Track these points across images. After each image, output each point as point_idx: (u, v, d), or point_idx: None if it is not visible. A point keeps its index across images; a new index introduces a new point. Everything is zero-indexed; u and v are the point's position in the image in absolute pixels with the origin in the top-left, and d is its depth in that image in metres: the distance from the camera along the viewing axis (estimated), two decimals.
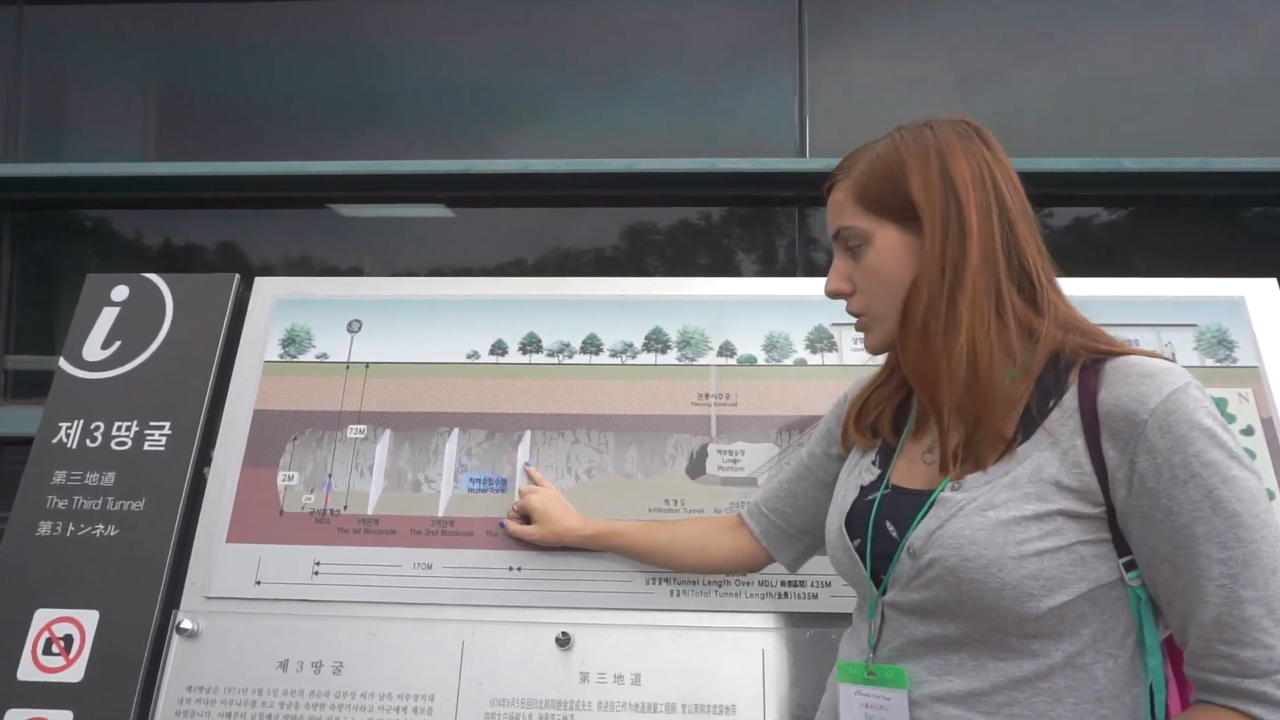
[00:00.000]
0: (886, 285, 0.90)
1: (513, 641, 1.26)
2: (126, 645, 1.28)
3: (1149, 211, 2.70)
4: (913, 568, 0.85)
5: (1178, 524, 0.75)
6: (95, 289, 1.54)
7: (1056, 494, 0.80)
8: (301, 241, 3.06)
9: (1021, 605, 0.78)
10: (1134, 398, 0.77)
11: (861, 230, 0.91)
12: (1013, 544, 0.78)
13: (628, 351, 1.44)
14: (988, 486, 0.83)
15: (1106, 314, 1.42)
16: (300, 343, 1.48)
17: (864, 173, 0.91)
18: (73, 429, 1.43)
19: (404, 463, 1.38)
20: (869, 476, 0.98)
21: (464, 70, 2.94)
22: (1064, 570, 0.78)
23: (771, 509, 1.18)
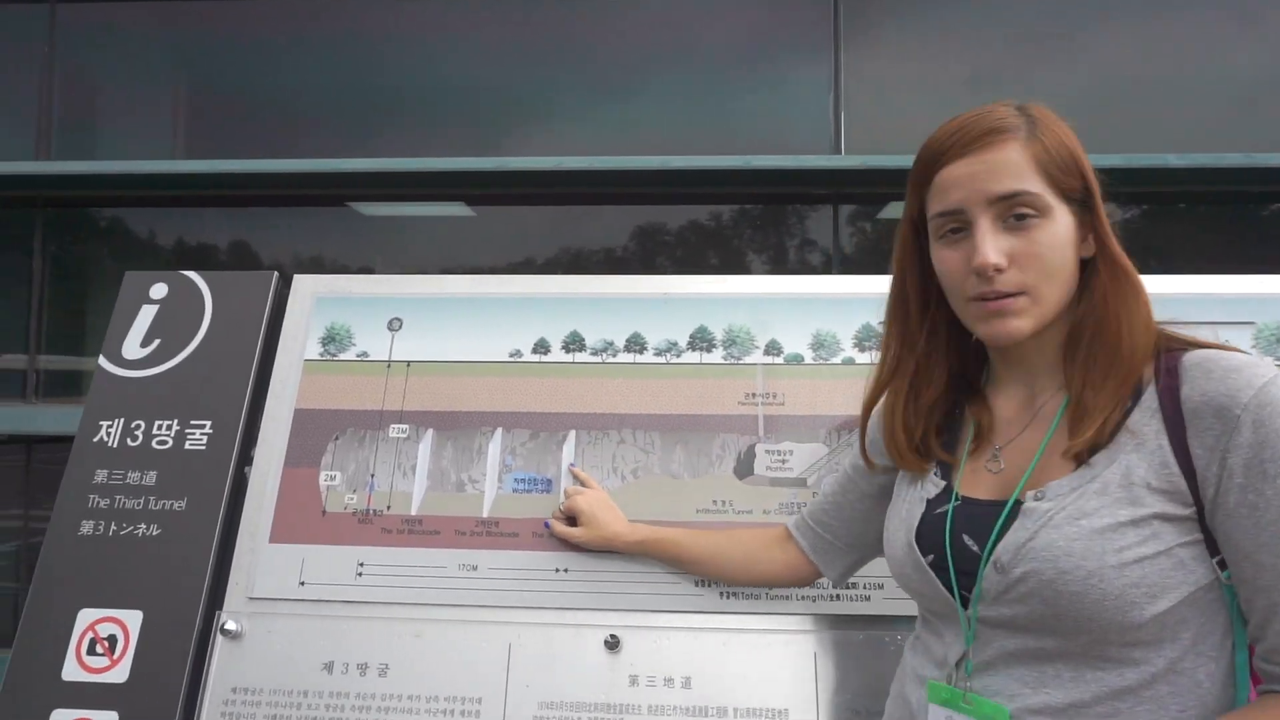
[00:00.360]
0: (1058, 269, 0.84)
1: (560, 644, 1.24)
2: (170, 646, 1.27)
3: (1196, 208, 2.67)
4: (1001, 582, 0.82)
5: (1263, 520, 0.73)
6: (134, 286, 1.53)
7: (1149, 497, 0.77)
8: (326, 240, 3.06)
9: (1125, 615, 0.75)
10: (1223, 392, 0.75)
11: (1044, 202, 0.82)
12: (1112, 552, 0.76)
13: (672, 350, 1.42)
14: (1076, 494, 0.80)
15: (1162, 311, 1.41)
16: (340, 341, 1.46)
17: (1044, 137, 0.84)
18: (114, 428, 1.43)
19: (447, 463, 1.37)
20: (933, 489, 0.94)
21: (496, 69, 2.94)
22: (1165, 575, 0.76)
23: (819, 522, 1.15)
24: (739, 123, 2.77)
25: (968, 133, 0.85)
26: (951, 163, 0.86)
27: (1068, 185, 0.84)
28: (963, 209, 0.85)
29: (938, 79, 2.69)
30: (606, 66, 2.90)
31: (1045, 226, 0.83)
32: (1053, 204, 0.83)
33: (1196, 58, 2.72)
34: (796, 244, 2.74)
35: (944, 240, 0.88)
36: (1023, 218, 0.83)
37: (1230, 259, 2.65)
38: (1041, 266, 0.83)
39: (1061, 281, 0.84)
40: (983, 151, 0.83)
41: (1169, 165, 2.42)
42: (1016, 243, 0.83)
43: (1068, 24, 2.71)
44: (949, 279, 0.89)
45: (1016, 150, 0.83)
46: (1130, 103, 2.65)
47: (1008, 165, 0.83)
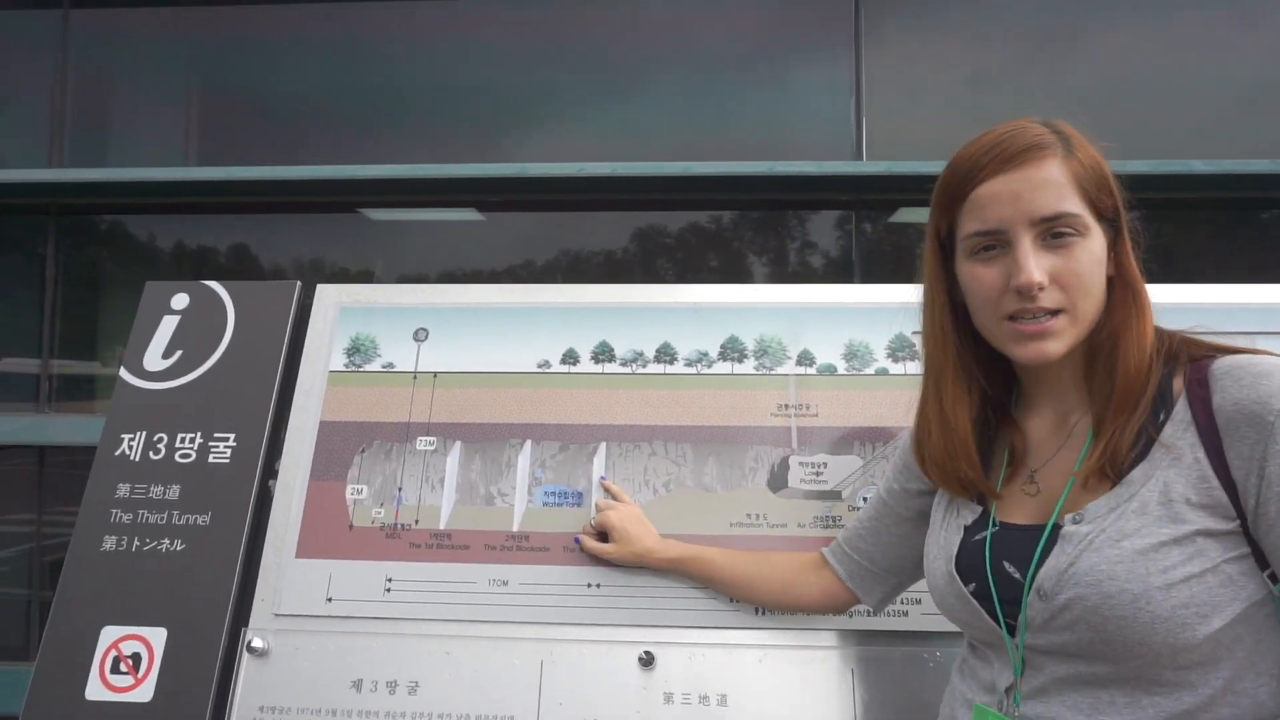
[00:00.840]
0: (1092, 285, 0.83)
1: (593, 661, 1.22)
2: (196, 664, 1.25)
3: (1225, 214, 2.65)
4: (1045, 610, 0.80)
5: None
6: (155, 297, 1.51)
7: (1190, 513, 0.75)
8: (338, 246, 3.04)
9: (1177, 637, 0.73)
10: (1255, 399, 0.74)
11: (1084, 222, 0.82)
12: (1157, 573, 0.74)
13: (703, 360, 1.40)
14: (1114, 514, 0.78)
15: (1199, 321, 1.38)
16: (365, 352, 1.44)
17: (1086, 161, 0.84)
18: (135, 440, 1.41)
19: (475, 475, 1.35)
20: (970, 515, 0.92)
21: (509, 73, 2.92)
22: (1214, 594, 0.74)
23: (855, 548, 1.13)
24: (759, 128, 2.75)
25: (1006, 149, 0.84)
26: (989, 179, 0.84)
27: (1102, 204, 0.84)
28: (1004, 228, 0.83)
29: (959, 83, 2.67)
30: (624, 70, 2.89)
31: (1084, 245, 0.82)
32: (1091, 223, 0.83)
33: (1228, 60, 2.70)
34: (818, 251, 2.72)
35: (977, 258, 0.87)
36: (1061, 235, 0.82)
37: (1263, 267, 2.63)
38: (1081, 285, 0.82)
39: (1096, 300, 0.84)
40: (1023, 168, 0.82)
41: (1194, 172, 2.40)
42: (1057, 261, 0.82)
43: (1095, 25, 2.70)
44: (981, 297, 0.87)
45: (1056, 168, 0.82)
46: (1160, 106, 2.63)
47: (1049, 184, 0.82)
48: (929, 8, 2.71)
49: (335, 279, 1.45)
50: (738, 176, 2.51)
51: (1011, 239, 0.83)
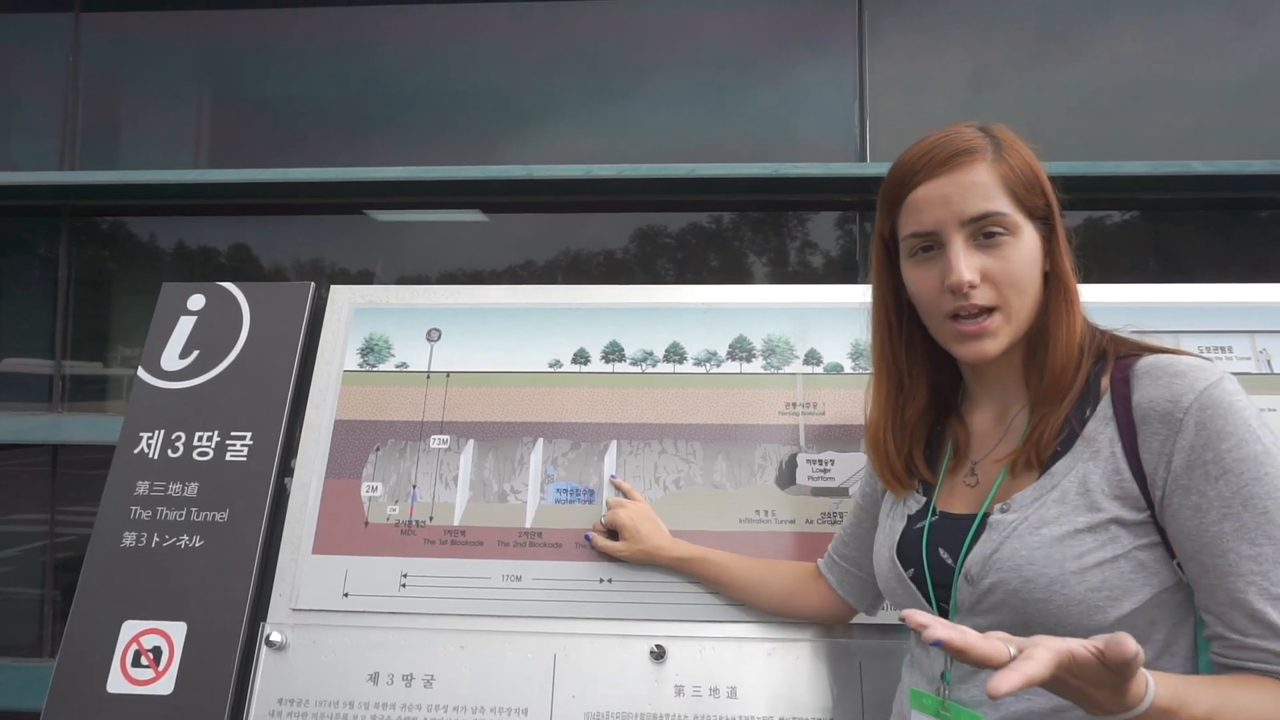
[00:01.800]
0: (1028, 285, 0.87)
1: (606, 654, 1.25)
2: (215, 657, 1.28)
3: (1225, 215, 2.67)
4: (972, 594, 0.85)
5: (1206, 520, 0.75)
6: (171, 298, 1.54)
7: (1105, 502, 0.80)
8: (344, 247, 3.06)
9: (1090, 619, 0.78)
10: (1168, 397, 0.78)
11: (1012, 221, 0.86)
12: (1071, 558, 0.78)
13: (712, 360, 1.42)
14: (1037, 504, 0.83)
15: (1198, 320, 1.41)
16: (379, 352, 1.47)
17: (1015, 163, 0.87)
18: (154, 439, 1.43)
19: (489, 473, 1.37)
20: (915, 504, 0.97)
21: (512, 75, 2.94)
22: (1126, 579, 0.78)
23: (841, 556, 1.17)
24: (762, 129, 2.77)
25: (937, 154, 0.88)
26: (923, 184, 0.88)
27: (1032, 203, 0.87)
28: (937, 230, 0.87)
29: (962, 84, 2.69)
30: (627, 72, 2.90)
31: (1015, 244, 0.86)
32: (1021, 222, 0.86)
33: (1228, 61, 2.72)
34: (822, 251, 2.74)
35: (915, 259, 0.91)
36: (992, 235, 0.86)
37: (1262, 266, 2.65)
38: (1013, 283, 0.86)
39: (1031, 297, 0.88)
40: (953, 172, 0.86)
41: (1194, 172, 2.42)
42: (988, 260, 0.86)
43: (1097, 26, 2.71)
44: (923, 298, 0.91)
45: (984, 171, 0.86)
46: (1161, 107, 2.65)
47: (977, 186, 0.86)
48: (932, 8, 2.73)
49: (342, 280, 1.47)
50: (743, 178, 2.53)
51: (945, 240, 0.87)
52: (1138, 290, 1.43)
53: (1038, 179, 0.88)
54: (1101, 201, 2.62)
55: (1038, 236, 0.88)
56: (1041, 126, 2.67)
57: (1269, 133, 2.65)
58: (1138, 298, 1.42)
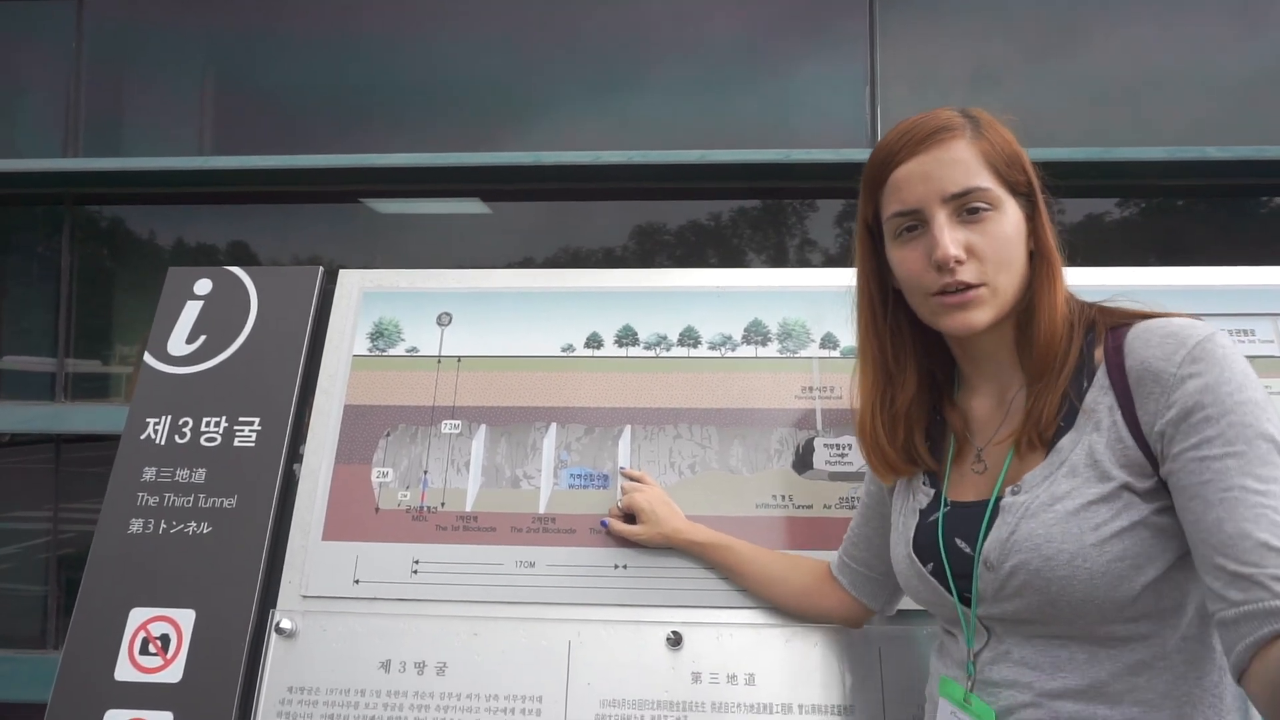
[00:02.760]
0: (1013, 260, 0.87)
1: (621, 641, 1.23)
2: (224, 645, 1.26)
3: (1240, 200, 2.66)
4: (994, 580, 0.84)
5: (1210, 457, 0.73)
6: (177, 282, 1.52)
7: (1115, 470, 0.79)
8: (344, 238, 3.05)
9: (1115, 590, 0.77)
10: (1160, 356, 0.77)
11: (995, 196, 0.87)
12: (1089, 530, 0.78)
13: (727, 344, 1.40)
14: (1047, 481, 0.82)
15: (1218, 303, 1.39)
16: (389, 336, 1.45)
17: (995, 140, 0.88)
18: (161, 424, 1.41)
19: (501, 459, 1.35)
20: (924, 498, 0.96)
21: (515, 63, 2.92)
22: (1146, 545, 0.77)
23: (851, 557, 1.15)
24: (773, 117, 2.75)
25: (917, 133, 0.88)
26: (904, 163, 0.89)
27: (1014, 180, 0.87)
28: (919, 208, 0.87)
29: (972, 71, 2.67)
30: (637, 60, 2.88)
31: (998, 219, 0.86)
32: (1003, 197, 0.87)
33: (1239, 49, 2.70)
34: (833, 238, 2.72)
35: (901, 239, 0.91)
36: (976, 211, 0.86)
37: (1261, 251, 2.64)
38: (997, 258, 0.86)
39: (1015, 272, 0.87)
40: (933, 149, 0.87)
41: (1209, 158, 2.41)
42: (972, 235, 0.86)
43: (1108, 15, 2.69)
44: (908, 277, 0.91)
45: (964, 148, 0.86)
46: (1175, 94, 2.63)
47: (958, 162, 0.86)
48: None
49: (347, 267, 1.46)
50: (754, 164, 2.51)
51: (928, 217, 0.87)
52: (1159, 273, 1.41)
53: (1018, 156, 0.89)
54: (1117, 188, 2.60)
55: (1021, 213, 0.88)
56: (1049, 114, 2.65)
57: (1276, 120, 2.64)
58: (1160, 280, 1.41)
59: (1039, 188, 0.90)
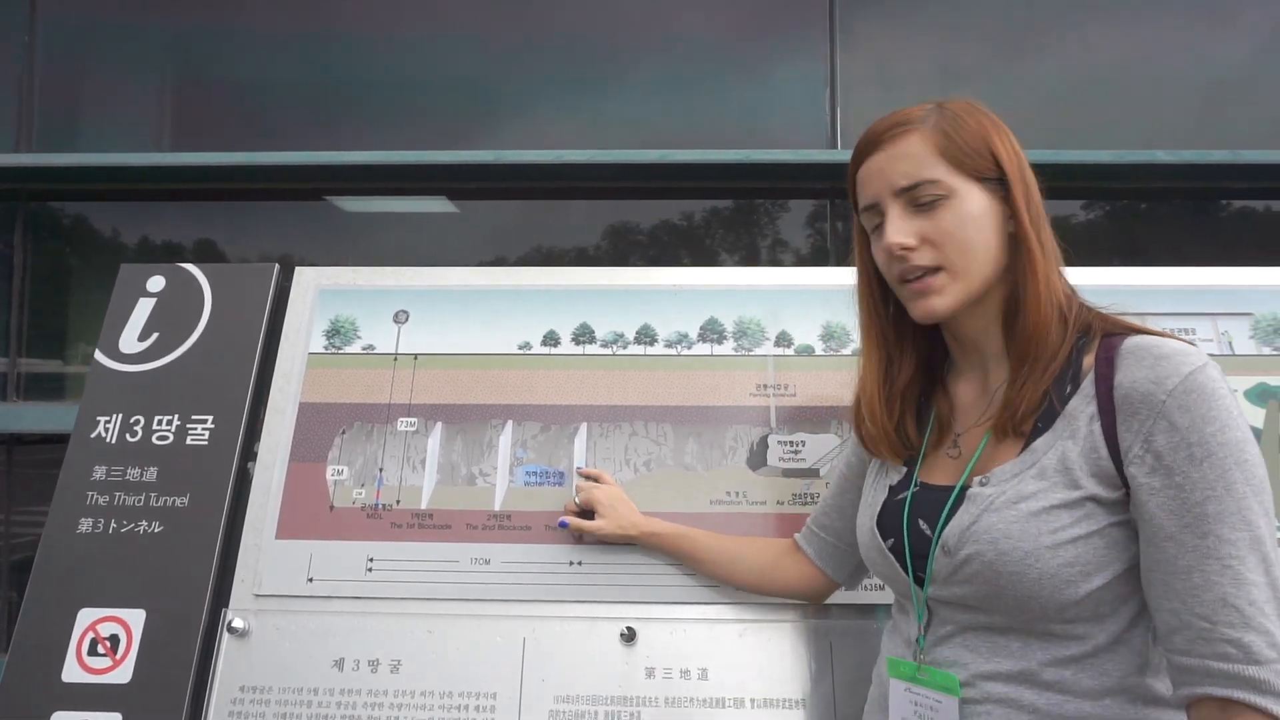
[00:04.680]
0: (974, 245, 0.88)
1: (576, 637, 1.23)
2: (175, 645, 1.25)
3: (1188, 203, 2.72)
4: (949, 564, 0.86)
5: (1190, 501, 0.75)
6: (130, 279, 1.50)
7: (1084, 479, 0.80)
8: (312, 237, 3.01)
9: (1060, 593, 0.79)
10: (1151, 379, 0.78)
11: (947, 185, 0.88)
12: (1046, 534, 0.79)
13: (683, 342, 1.41)
14: (1016, 479, 0.84)
15: (1162, 303, 1.43)
16: (345, 334, 1.44)
17: (948, 127, 0.89)
18: (111, 423, 1.39)
19: (457, 456, 1.35)
20: (896, 475, 0.99)
21: (477, 61, 2.91)
22: (1098, 554, 0.79)
23: (821, 526, 1.17)
24: (734, 118, 2.77)
25: (874, 132, 0.92)
26: (864, 161, 0.93)
27: (975, 167, 0.88)
28: (876, 202, 0.91)
29: (932, 73, 2.71)
30: (598, 61, 2.88)
31: (952, 206, 0.88)
32: (958, 185, 0.88)
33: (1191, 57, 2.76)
34: (795, 237, 2.74)
35: (875, 234, 0.95)
36: (928, 201, 0.88)
37: (1223, 252, 2.70)
38: (953, 243, 0.88)
39: (980, 257, 0.89)
40: (886, 147, 0.90)
41: (1158, 161, 2.47)
42: (925, 224, 0.88)
43: (1067, 20, 2.74)
44: (881, 268, 0.95)
45: (917, 142, 0.89)
46: (1127, 100, 2.69)
47: (908, 157, 0.89)
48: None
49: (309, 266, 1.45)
50: (714, 164, 2.52)
51: (884, 210, 0.91)
52: (1103, 273, 1.44)
53: (983, 143, 0.89)
54: (1067, 190, 2.65)
55: (988, 198, 0.89)
56: (1010, 116, 2.69)
57: (1229, 126, 2.70)
58: (1103, 280, 1.44)
59: (1016, 173, 0.89)
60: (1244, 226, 2.76)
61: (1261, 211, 2.77)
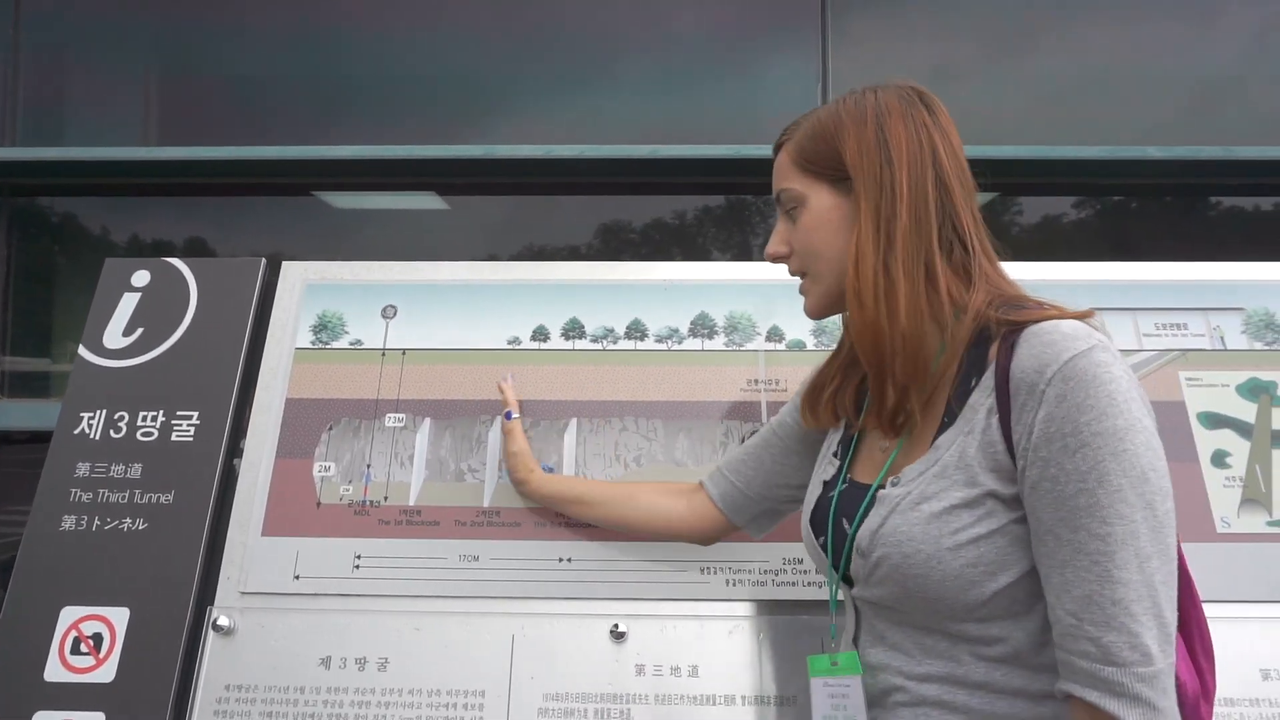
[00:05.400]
0: (820, 248, 0.89)
1: (565, 634, 1.22)
2: (159, 643, 1.23)
3: (1180, 199, 2.72)
4: (865, 566, 0.85)
5: (1063, 494, 0.72)
6: (114, 274, 1.48)
7: (983, 476, 0.78)
8: (300, 232, 2.99)
9: (966, 594, 0.77)
10: (1035, 367, 0.75)
11: (797, 192, 0.91)
12: (947, 535, 0.78)
13: (674, 337, 1.40)
14: (920, 479, 0.82)
15: (1154, 298, 1.42)
16: (332, 329, 1.43)
17: (804, 135, 0.91)
18: (95, 419, 1.38)
19: (445, 452, 1.34)
20: (830, 470, 0.98)
21: (475, 61, 2.89)
22: (1002, 553, 0.77)
23: (732, 470, 1.15)
24: (725, 113, 2.76)
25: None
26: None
27: (824, 167, 0.89)
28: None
29: (924, 70, 2.70)
30: (590, 58, 2.86)
31: (805, 212, 0.90)
32: (808, 191, 0.90)
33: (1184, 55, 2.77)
34: None
35: None
36: (792, 210, 0.92)
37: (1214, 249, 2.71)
38: (804, 248, 0.91)
39: (831, 260, 0.89)
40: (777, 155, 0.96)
41: (1149, 157, 2.47)
42: (792, 230, 0.93)
43: (1059, 19, 2.74)
44: None
45: (784, 154, 0.94)
46: (1120, 97, 2.69)
47: (777, 169, 0.95)
48: None
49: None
50: (707, 160, 2.51)
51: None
52: (1095, 269, 1.44)
53: (827, 141, 0.89)
54: (1060, 186, 2.65)
55: (835, 198, 0.88)
56: (1002, 113, 2.69)
57: (1221, 122, 2.71)
58: (1095, 276, 1.43)
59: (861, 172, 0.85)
60: (1235, 222, 2.77)
61: (1253, 207, 2.77)
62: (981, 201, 0.99)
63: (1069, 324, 0.76)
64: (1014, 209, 2.64)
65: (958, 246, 0.85)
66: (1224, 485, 1.28)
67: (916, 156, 0.85)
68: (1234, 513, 1.27)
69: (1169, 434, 1.31)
